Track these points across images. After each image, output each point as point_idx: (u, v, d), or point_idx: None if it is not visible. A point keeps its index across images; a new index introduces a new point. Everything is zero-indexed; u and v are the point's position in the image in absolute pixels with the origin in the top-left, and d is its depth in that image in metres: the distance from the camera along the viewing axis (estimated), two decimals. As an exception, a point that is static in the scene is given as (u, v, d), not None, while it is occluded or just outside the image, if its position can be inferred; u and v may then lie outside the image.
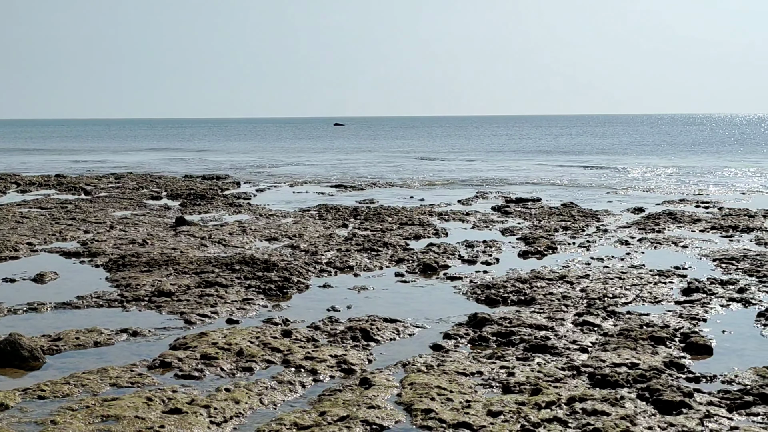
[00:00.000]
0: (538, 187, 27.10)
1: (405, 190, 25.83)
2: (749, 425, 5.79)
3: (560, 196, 23.27)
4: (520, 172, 34.46)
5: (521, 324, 8.63)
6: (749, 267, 11.83)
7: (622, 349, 7.60)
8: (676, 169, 35.25)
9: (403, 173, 34.25)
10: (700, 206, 20.41)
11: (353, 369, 7.21)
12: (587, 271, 11.64)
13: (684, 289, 10.44)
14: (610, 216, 18.40)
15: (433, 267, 12.10)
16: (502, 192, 24.63)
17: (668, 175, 32.16)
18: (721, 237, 15.20)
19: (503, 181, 29.73)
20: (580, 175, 32.62)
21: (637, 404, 6.13)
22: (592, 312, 9.14)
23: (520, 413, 5.89)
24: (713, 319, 9.07)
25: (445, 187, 27.33)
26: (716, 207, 20.13)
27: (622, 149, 56.91)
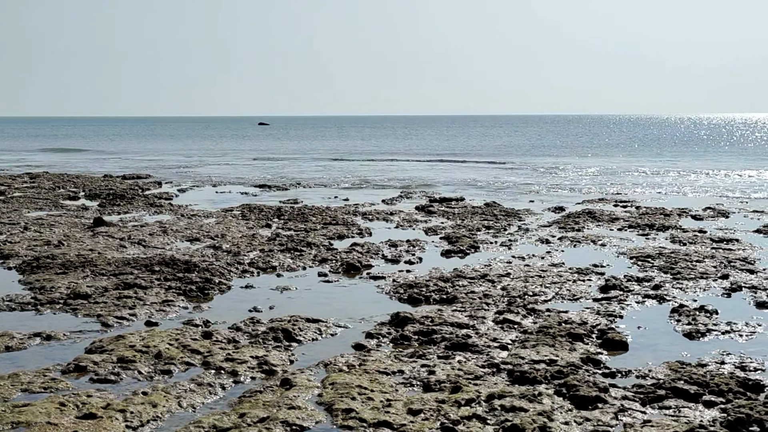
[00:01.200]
0: (461, 186, 27.35)
1: (329, 190, 25.78)
2: (661, 418, 5.94)
3: (483, 196, 23.55)
4: (445, 173, 34.73)
5: (443, 322, 8.68)
6: (664, 264, 12.14)
7: (541, 346, 7.71)
8: (597, 169, 36.01)
9: (328, 173, 34.19)
10: (619, 205, 20.88)
11: (274, 370, 7.15)
12: (508, 269, 11.79)
13: (602, 287, 10.66)
14: (532, 215, 18.69)
15: (356, 266, 12.10)
16: (426, 192, 24.79)
17: (588, 175, 32.83)
18: (638, 235, 15.58)
19: (428, 181, 29.92)
20: (503, 175, 33.06)
21: (555, 400, 6.23)
22: (513, 310, 9.26)
23: (440, 411, 5.92)
24: (629, 316, 9.29)
25: (370, 187, 27.36)
26: (634, 206, 20.63)
27: (544, 149, 57.88)
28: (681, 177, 31.62)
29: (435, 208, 19.84)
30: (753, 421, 5.69)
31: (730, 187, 26.58)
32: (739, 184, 28.16)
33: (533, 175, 33.54)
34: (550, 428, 5.63)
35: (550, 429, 5.62)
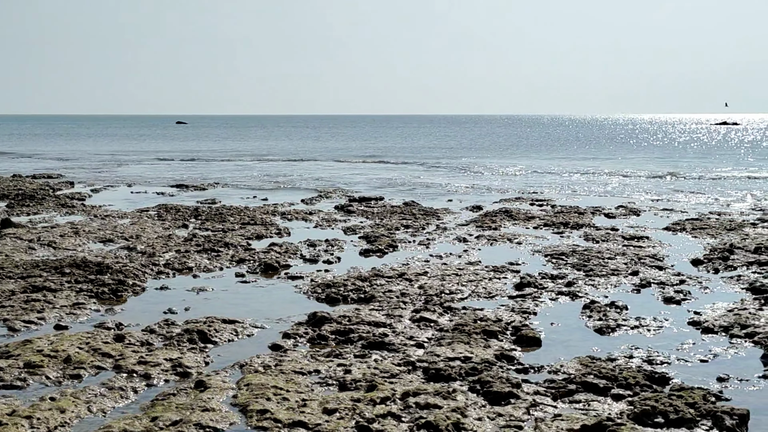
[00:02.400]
0: (381, 186, 27.45)
1: (249, 190, 25.55)
2: (571, 412, 6.07)
3: (403, 195, 23.68)
4: (366, 172, 34.80)
5: (360, 321, 8.70)
6: (577, 262, 12.42)
7: (457, 343, 7.80)
8: (516, 168, 36.58)
9: (247, 173, 33.87)
10: (535, 204, 21.26)
11: (189, 372, 7.06)
12: (426, 268, 11.88)
13: (517, 284, 10.85)
14: (450, 214, 18.89)
15: (274, 267, 12.03)
16: (346, 191, 24.80)
17: (507, 174, 33.33)
18: (553, 233, 15.90)
19: (348, 180, 29.94)
20: (423, 175, 33.31)
21: (469, 396, 6.31)
22: (430, 308, 9.34)
23: (355, 410, 5.93)
24: (543, 312, 9.47)
25: (290, 187, 27.23)
26: (549, 205, 21.03)
27: (465, 149, 58.52)
28: (595, 176, 32.36)
29: (354, 207, 19.87)
30: (658, 412, 5.86)
31: (642, 186, 27.34)
32: (649, 182, 28.98)
33: (452, 174, 33.89)
34: (464, 424, 5.70)
35: (464, 425, 5.69)
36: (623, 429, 5.48)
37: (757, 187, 27.16)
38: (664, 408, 5.90)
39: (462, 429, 5.67)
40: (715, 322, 8.83)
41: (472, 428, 5.69)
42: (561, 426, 5.68)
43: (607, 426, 5.54)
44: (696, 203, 21.76)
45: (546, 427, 5.67)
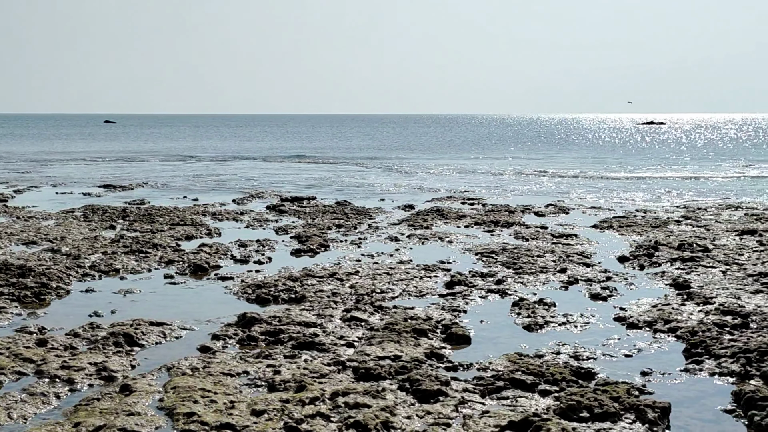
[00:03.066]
0: (314, 185, 27.35)
1: (178, 191, 25.18)
2: (499, 408, 6.14)
3: (336, 195, 23.64)
4: (299, 172, 34.66)
5: (291, 322, 8.65)
6: (507, 260, 12.56)
7: (387, 342, 7.80)
8: (448, 167, 36.85)
9: (177, 173, 33.39)
10: (466, 203, 21.45)
11: (114, 376, 6.92)
12: (357, 267, 11.88)
13: (447, 283, 10.92)
14: (382, 213, 18.93)
15: (204, 267, 11.88)
16: (278, 191, 24.65)
17: (439, 173, 33.55)
18: (484, 232, 16.06)
19: (281, 180, 29.78)
20: (356, 174, 33.31)
21: (398, 395, 6.32)
22: (361, 308, 9.34)
23: (284, 411, 5.89)
24: (473, 310, 9.55)
25: (221, 187, 26.93)
26: (481, 203, 21.24)
27: (398, 148, 58.70)
28: (526, 175, 32.80)
29: (286, 207, 19.76)
30: (583, 407, 5.96)
31: (571, 184, 27.82)
32: (578, 181, 29.51)
33: (385, 173, 33.98)
34: (392, 423, 5.71)
35: (392, 423, 5.70)
36: (549, 424, 5.56)
37: (681, 185, 27.88)
38: (589, 403, 6.00)
39: (391, 428, 5.68)
40: (640, 318, 9.02)
41: (401, 427, 5.71)
42: (488, 422, 5.73)
43: (533, 422, 5.61)
44: (623, 201, 22.22)
45: (474, 424, 5.71)
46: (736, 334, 8.18)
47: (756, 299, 9.77)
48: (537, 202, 21.60)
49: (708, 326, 8.47)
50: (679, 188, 26.48)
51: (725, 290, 10.27)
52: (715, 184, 28.59)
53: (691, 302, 9.71)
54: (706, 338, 7.98)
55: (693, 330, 8.37)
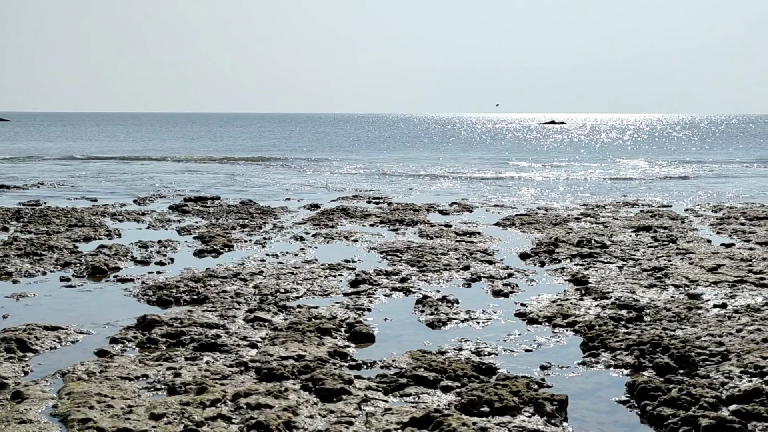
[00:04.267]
0: (218, 185, 26.98)
1: (77, 191, 24.45)
2: (402, 405, 6.17)
3: (240, 194, 23.37)
4: (202, 172, 34.12)
5: (192, 323, 8.50)
6: (411, 258, 12.65)
7: (290, 342, 7.75)
8: (354, 166, 36.89)
9: (76, 172, 32.43)
10: (372, 202, 21.51)
11: (5, 383, 6.65)
12: (262, 267, 11.76)
13: (352, 281, 10.93)
14: (288, 213, 18.82)
15: (102, 269, 11.56)
16: (181, 190, 24.22)
17: (345, 172, 33.57)
18: (389, 230, 16.14)
19: (184, 180, 29.26)
20: (261, 173, 33.01)
21: (301, 394, 6.29)
22: (264, 308, 9.25)
23: (184, 414, 5.78)
24: (377, 309, 9.59)
25: (123, 187, 26.27)
26: (386, 202, 21.34)
27: (303, 147, 58.46)
28: (431, 173, 33.11)
29: (190, 207, 19.43)
30: (484, 402, 6.05)
31: (475, 183, 28.24)
32: (482, 179, 29.98)
33: (291, 173, 33.81)
34: (295, 423, 5.68)
35: (295, 423, 5.67)
36: (450, 419, 5.62)
37: (581, 183, 28.65)
38: (490, 397, 6.10)
39: (293, 427, 5.65)
40: (540, 313, 9.22)
41: (303, 426, 5.68)
42: (391, 419, 5.76)
43: (435, 417, 5.66)
44: (525, 199, 22.68)
45: (376, 422, 5.73)
46: (630, 327, 8.45)
47: (650, 293, 10.11)
48: (441, 200, 21.84)
49: (604, 320, 8.72)
50: (579, 186, 27.19)
51: (621, 285, 10.60)
52: (614, 181, 29.46)
53: (588, 297, 9.98)
54: (602, 332, 8.21)
55: (590, 324, 8.60)
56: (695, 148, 60.48)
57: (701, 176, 32.51)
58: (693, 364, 7.12)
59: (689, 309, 9.15)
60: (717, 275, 11.07)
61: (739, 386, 6.43)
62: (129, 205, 20.32)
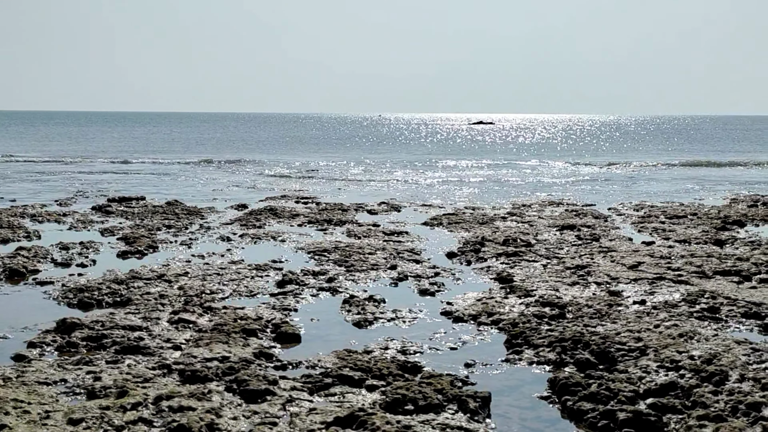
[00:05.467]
0: (144, 185, 26.53)
1: (-4, 191, 23.75)
2: (326, 405, 6.16)
3: (166, 194, 23.01)
4: (128, 172, 33.51)
5: (114, 326, 8.33)
6: (339, 258, 12.64)
7: (215, 343, 7.67)
8: (281, 166, 36.68)
9: (-5, 172, 31.50)
10: (300, 202, 21.43)
11: None
12: (187, 268, 11.61)
13: (279, 282, 10.87)
14: (215, 213, 18.61)
15: (21, 272, 11.25)
16: (105, 191, 23.75)
17: (275, 173, 33.35)
18: (317, 230, 16.10)
19: (108, 180, 28.69)
20: (187, 172, 32.56)
21: (225, 396, 6.23)
22: (189, 309, 9.12)
23: (103, 418, 5.66)
24: (304, 309, 9.56)
25: (43, 187, 25.62)
26: (314, 202, 21.28)
27: (229, 146, 57.87)
28: (361, 173, 33.15)
29: (113, 208, 19.05)
30: (408, 400, 6.08)
31: (404, 182, 28.37)
32: (411, 178, 30.12)
33: (219, 172, 33.44)
34: (218, 424, 5.62)
35: (218, 425, 5.61)
36: (374, 418, 5.63)
37: (508, 182, 29.03)
38: (414, 395, 6.13)
39: (216, 429, 5.59)
40: (465, 312, 9.32)
41: (226, 428, 5.63)
42: (315, 419, 5.75)
43: (359, 416, 5.67)
44: (453, 199, 22.87)
45: (300, 422, 5.71)
46: (553, 324, 8.59)
47: (572, 291, 10.31)
48: (370, 200, 21.88)
49: (528, 318, 8.85)
50: (506, 185, 27.55)
51: (545, 283, 10.77)
52: (540, 180, 29.93)
53: (513, 295, 10.12)
54: (525, 329, 8.34)
55: (514, 322, 8.73)
56: (620, 148, 61.85)
57: (625, 175, 33.27)
58: (612, 360, 7.29)
59: (610, 306, 9.36)
60: (637, 272, 11.35)
61: (656, 380, 6.61)
62: (50, 205, 19.81)
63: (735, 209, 19.50)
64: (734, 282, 10.80)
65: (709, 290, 10.09)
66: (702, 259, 12.23)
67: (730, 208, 19.69)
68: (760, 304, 9.46)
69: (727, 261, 12.10)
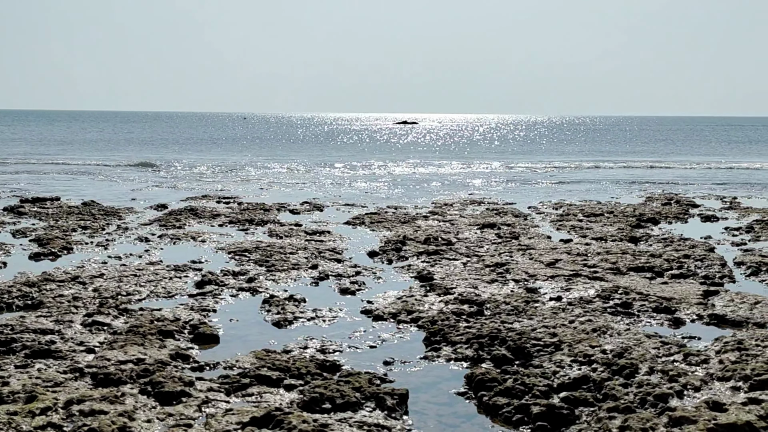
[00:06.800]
0: (59, 185, 25.86)
1: None
2: (243, 405, 6.11)
3: (83, 195, 22.46)
4: (43, 172, 32.60)
5: (25, 330, 8.10)
6: (260, 258, 12.55)
7: (130, 345, 7.53)
8: (204, 166, 36.17)
9: None
10: (221, 202, 21.18)
11: None
12: (103, 270, 11.36)
13: (198, 282, 10.73)
14: (133, 213, 18.26)
15: (-73, 275, 10.84)
16: (18, 191, 23.07)
17: (196, 172, 32.88)
18: (238, 230, 15.95)
19: (21, 180, 27.87)
20: (105, 172, 31.85)
21: (139, 399, 6.12)
22: (104, 311, 8.94)
23: (11, 424, 5.50)
24: (223, 309, 9.46)
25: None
26: (236, 202, 21.06)
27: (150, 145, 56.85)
28: (285, 172, 32.95)
29: (26, 208, 18.51)
30: (326, 399, 6.08)
31: (328, 181, 28.31)
32: (337, 177, 30.09)
33: (138, 172, 32.81)
34: (131, 428, 5.52)
35: (131, 428, 5.51)
36: (290, 417, 5.61)
37: (432, 181, 29.24)
38: (332, 394, 6.13)
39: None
40: (385, 310, 9.35)
41: (139, 431, 5.52)
42: (231, 420, 5.69)
43: (276, 416, 5.64)
44: (376, 198, 22.92)
45: (216, 423, 5.64)
46: (471, 321, 8.69)
47: (491, 288, 10.45)
48: (293, 200, 21.76)
49: (447, 315, 8.94)
50: (429, 184, 27.75)
51: (465, 281, 10.89)
52: (463, 179, 30.24)
53: (433, 293, 10.20)
54: (444, 326, 8.42)
55: (433, 319, 8.80)
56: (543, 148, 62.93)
57: (546, 174, 33.85)
58: (528, 355, 7.41)
59: (527, 302, 9.52)
60: (554, 270, 11.57)
61: (569, 374, 6.75)
62: (-40, 207, 19.14)
63: (650, 207, 20.05)
64: (647, 278, 11.11)
65: (623, 286, 10.35)
66: (617, 256, 12.54)
67: (645, 207, 20.24)
68: (670, 299, 9.76)
69: (640, 258, 12.44)
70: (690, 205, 20.77)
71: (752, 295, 9.82)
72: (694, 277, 11.25)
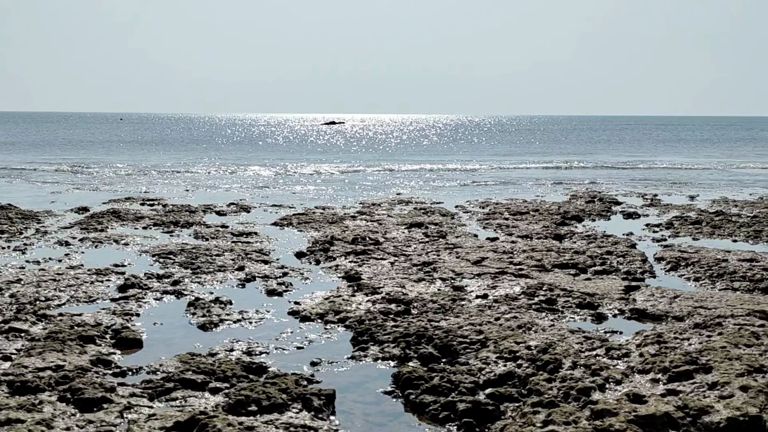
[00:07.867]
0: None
1: None
2: (167, 410, 6.00)
3: (0, 198, 21.77)
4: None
5: (-63, 338, 7.81)
6: (185, 260, 12.36)
7: (48, 352, 7.32)
8: (123, 166, 35.48)
9: None
10: (146, 204, 20.80)
11: None
12: (20, 275, 11.02)
13: (120, 286, 10.51)
14: (53, 216, 17.78)
15: None
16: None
17: (117, 174, 32.23)
18: (163, 233, 15.68)
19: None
20: (23, 175, 30.97)
21: (57, 406, 5.95)
22: (21, 317, 8.67)
23: None
24: (146, 313, 9.29)
25: None
26: (161, 204, 20.71)
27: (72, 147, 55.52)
28: (209, 174, 32.55)
29: (-59, 212, 17.85)
30: (252, 401, 6.01)
31: (253, 182, 28.07)
32: (261, 179, 29.85)
33: (59, 174, 31.98)
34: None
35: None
36: (215, 421, 5.53)
37: (359, 181, 29.25)
38: (258, 396, 6.07)
39: (47, 442, 5.33)
40: (313, 311, 9.31)
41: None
42: (154, 425, 5.58)
43: (200, 420, 5.55)
44: (303, 198, 22.81)
45: (138, 428, 5.53)
46: (398, 320, 8.72)
47: (418, 287, 10.49)
48: (219, 201, 21.51)
49: (374, 315, 8.94)
50: (357, 184, 27.76)
51: (392, 280, 10.92)
52: (391, 179, 30.31)
53: (360, 293, 10.19)
54: (371, 326, 8.42)
55: (360, 319, 8.79)
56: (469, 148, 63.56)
57: (473, 173, 34.18)
58: (455, 353, 7.46)
59: (454, 300, 9.59)
60: (481, 268, 11.69)
61: (495, 371, 6.82)
62: None
63: (574, 205, 20.44)
64: (571, 275, 11.31)
65: (548, 283, 10.51)
66: (542, 253, 12.73)
67: (569, 204, 20.62)
68: (593, 294, 9.95)
69: (564, 254, 12.66)
70: (613, 203, 21.25)
71: (671, 290, 10.09)
72: (616, 273, 11.51)
